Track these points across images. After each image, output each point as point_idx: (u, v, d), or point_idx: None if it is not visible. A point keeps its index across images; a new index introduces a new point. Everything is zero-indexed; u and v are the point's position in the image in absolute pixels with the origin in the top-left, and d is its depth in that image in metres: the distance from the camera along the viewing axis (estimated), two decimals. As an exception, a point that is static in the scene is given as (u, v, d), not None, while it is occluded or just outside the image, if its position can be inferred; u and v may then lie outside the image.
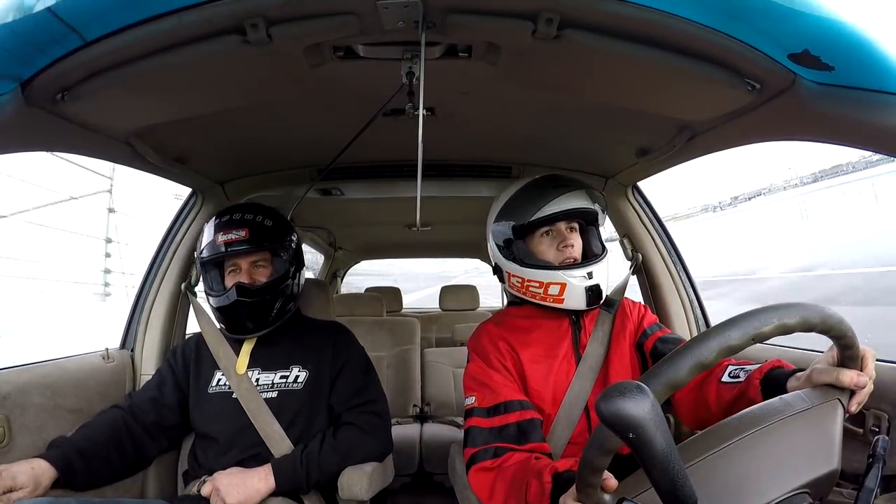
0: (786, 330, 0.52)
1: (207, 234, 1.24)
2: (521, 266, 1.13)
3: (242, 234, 1.20)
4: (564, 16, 0.71)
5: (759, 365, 0.87)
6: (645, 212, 1.58)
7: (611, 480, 0.55)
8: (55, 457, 1.04)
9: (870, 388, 0.65)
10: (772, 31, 0.68)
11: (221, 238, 1.20)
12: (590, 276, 1.08)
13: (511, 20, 0.72)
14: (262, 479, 1.10)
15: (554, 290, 1.09)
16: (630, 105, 1.00)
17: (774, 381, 0.80)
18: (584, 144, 1.37)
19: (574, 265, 1.09)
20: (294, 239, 1.31)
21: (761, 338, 0.51)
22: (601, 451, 0.49)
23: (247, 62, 0.81)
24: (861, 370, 0.64)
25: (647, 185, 1.60)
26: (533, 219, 1.10)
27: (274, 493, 1.10)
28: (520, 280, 1.14)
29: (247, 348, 1.27)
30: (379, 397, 1.29)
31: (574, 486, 0.58)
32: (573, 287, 1.08)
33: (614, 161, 1.46)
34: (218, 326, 1.30)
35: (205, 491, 1.09)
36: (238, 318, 1.22)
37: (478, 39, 0.81)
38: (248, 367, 1.25)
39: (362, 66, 0.88)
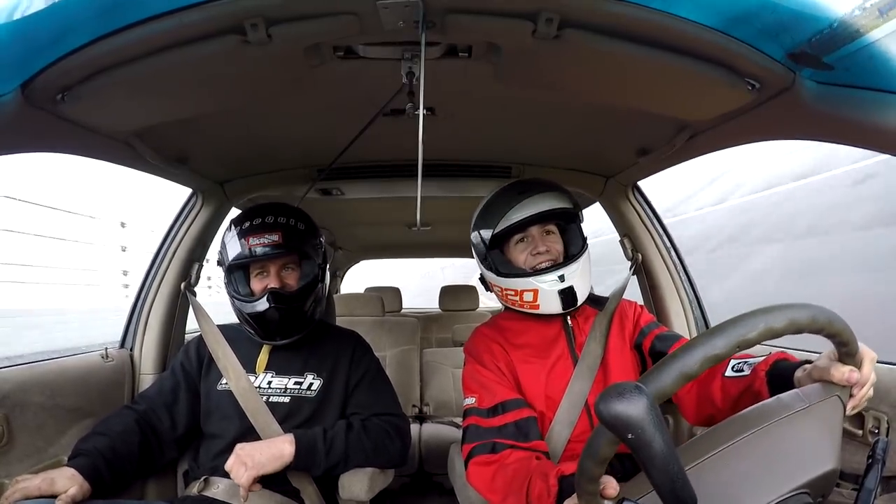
0: (773, 334, 0.51)
1: (234, 235, 1.19)
2: (497, 275, 1.12)
3: (276, 237, 1.16)
4: (564, 16, 0.71)
5: (762, 357, 0.86)
6: (645, 212, 1.58)
7: (609, 489, 0.54)
8: (87, 468, 1.02)
9: (867, 392, 0.64)
10: (772, 31, 0.68)
11: (254, 241, 1.16)
12: (562, 279, 1.07)
13: (511, 20, 0.72)
14: (287, 441, 1.09)
15: (528, 297, 1.09)
16: (630, 105, 0.99)
17: (781, 373, 0.79)
18: (584, 144, 1.37)
19: (544, 270, 1.08)
20: (322, 241, 1.29)
21: (772, 335, 0.50)
22: (595, 461, 0.49)
23: (247, 62, 0.81)
24: (857, 368, 0.62)
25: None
26: (498, 228, 1.09)
27: (288, 466, 1.08)
28: (499, 289, 1.14)
29: (266, 348, 1.27)
30: (400, 412, 1.28)
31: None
32: (545, 292, 1.07)
33: (614, 161, 1.46)
34: (247, 331, 1.26)
35: (228, 464, 1.04)
36: (271, 324, 1.19)
37: (478, 39, 0.81)
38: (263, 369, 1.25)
39: (362, 66, 0.88)
